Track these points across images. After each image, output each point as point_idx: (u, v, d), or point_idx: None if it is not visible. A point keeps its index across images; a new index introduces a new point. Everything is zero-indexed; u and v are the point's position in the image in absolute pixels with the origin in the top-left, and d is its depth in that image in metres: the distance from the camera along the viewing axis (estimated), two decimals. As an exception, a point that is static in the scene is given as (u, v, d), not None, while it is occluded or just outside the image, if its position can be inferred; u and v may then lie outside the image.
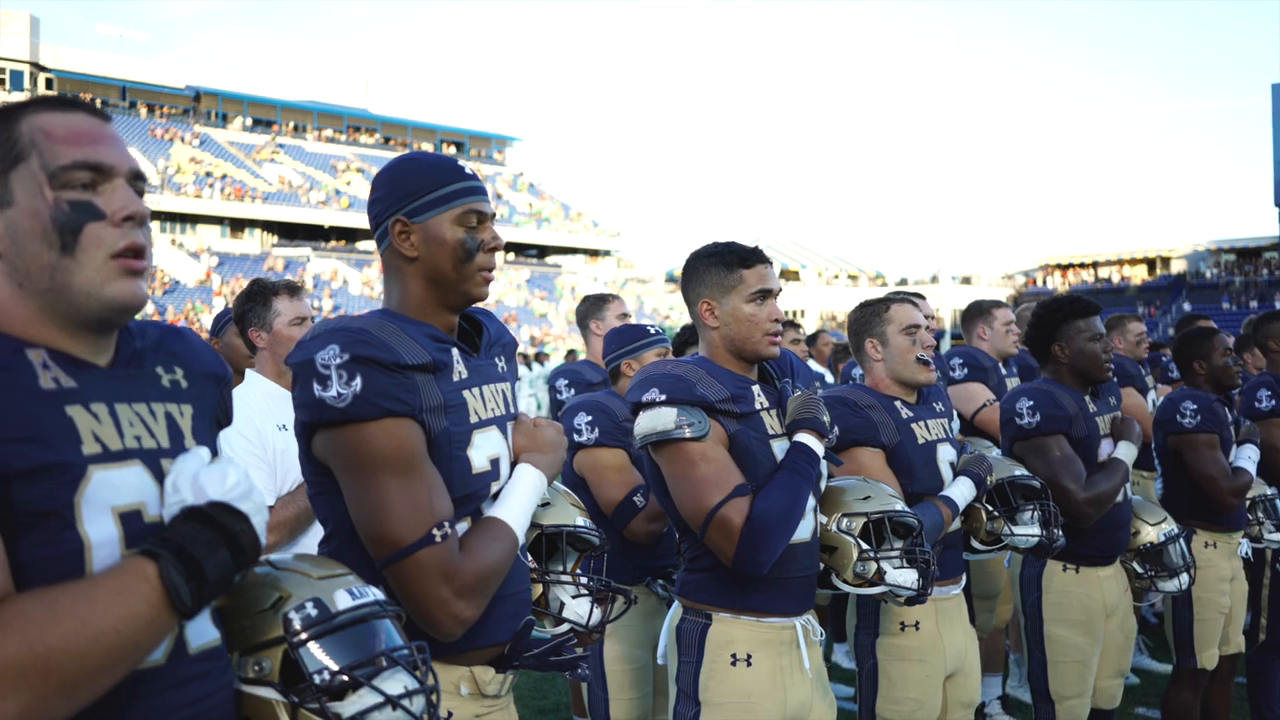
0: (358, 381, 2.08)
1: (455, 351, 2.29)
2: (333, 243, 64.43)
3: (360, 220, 64.22)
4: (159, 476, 1.58)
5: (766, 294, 3.06)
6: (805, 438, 3.00)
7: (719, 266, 3.09)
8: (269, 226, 60.74)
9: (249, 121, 69.29)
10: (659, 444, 2.99)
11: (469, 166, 2.36)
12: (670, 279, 73.80)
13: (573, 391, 5.55)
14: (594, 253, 72.06)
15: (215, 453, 1.74)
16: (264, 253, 57.10)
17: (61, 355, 1.55)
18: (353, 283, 55.21)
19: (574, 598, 2.57)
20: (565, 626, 2.55)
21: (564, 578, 2.58)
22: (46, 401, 1.48)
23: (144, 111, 63.70)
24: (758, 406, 3.05)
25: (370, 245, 65.51)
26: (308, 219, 61.83)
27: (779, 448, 3.04)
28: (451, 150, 79.22)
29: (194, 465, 1.56)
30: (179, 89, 65.15)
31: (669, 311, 60.03)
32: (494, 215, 2.37)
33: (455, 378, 2.26)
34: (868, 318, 3.74)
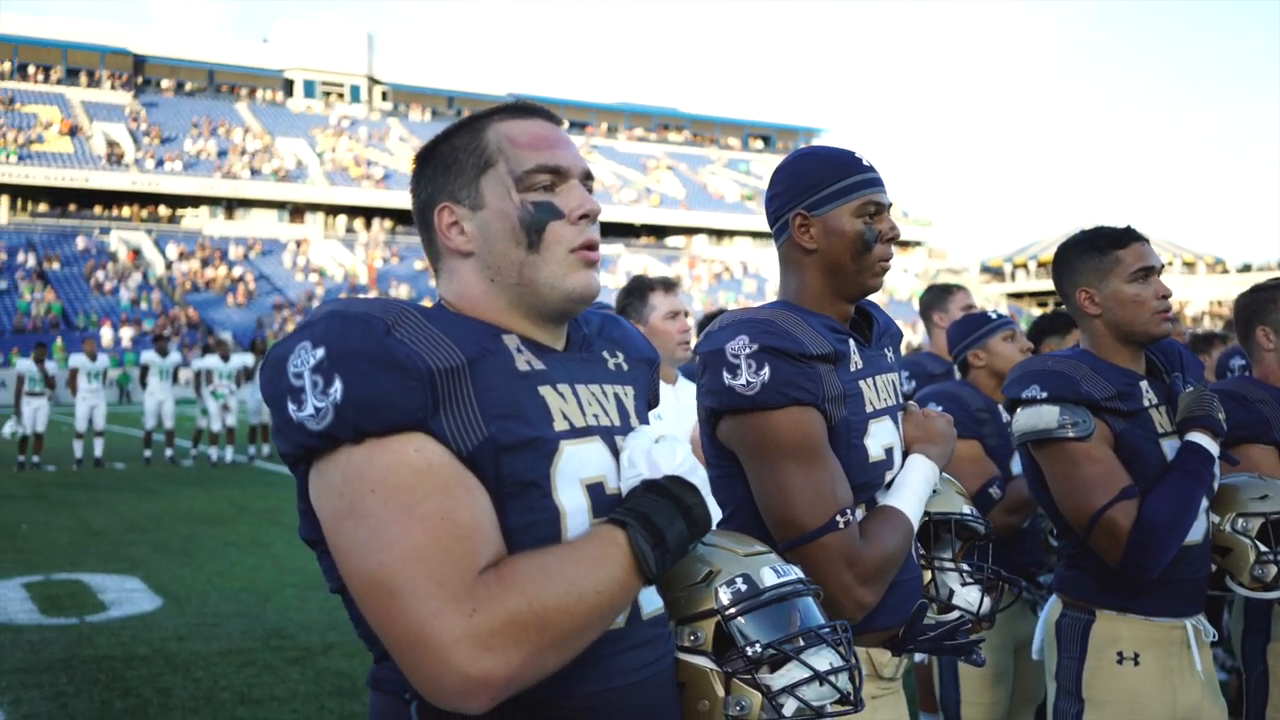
0: (766, 370, 2.16)
1: (852, 342, 2.33)
2: (643, 239, 66.09)
3: (669, 217, 65.65)
4: (614, 452, 1.69)
5: (1148, 271, 2.93)
6: (1198, 437, 2.85)
7: (1092, 252, 2.99)
8: (584, 224, 62.89)
9: (566, 124, 71.65)
10: (1039, 442, 2.93)
11: (866, 158, 2.39)
12: (985, 269, 71.46)
13: (914, 384, 5.48)
14: (904, 243, 70.70)
15: None
16: (580, 250, 59.13)
17: (528, 340, 1.69)
18: (663, 278, 56.29)
19: (963, 585, 2.56)
20: (955, 614, 2.54)
21: (952, 564, 2.58)
22: (523, 382, 1.61)
23: (470, 119, 67.69)
24: (1146, 404, 2.92)
25: (679, 241, 66.88)
26: (620, 217, 63.66)
27: (1169, 447, 2.90)
28: (759, 144, 79.64)
29: (645, 442, 1.67)
30: (501, 96, 68.52)
31: (983, 304, 58.15)
32: (891, 205, 2.39)
33: (852, 368, 2.30)
34: (1259, 304, 3.51)
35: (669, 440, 1.68)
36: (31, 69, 62.23)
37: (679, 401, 4.13)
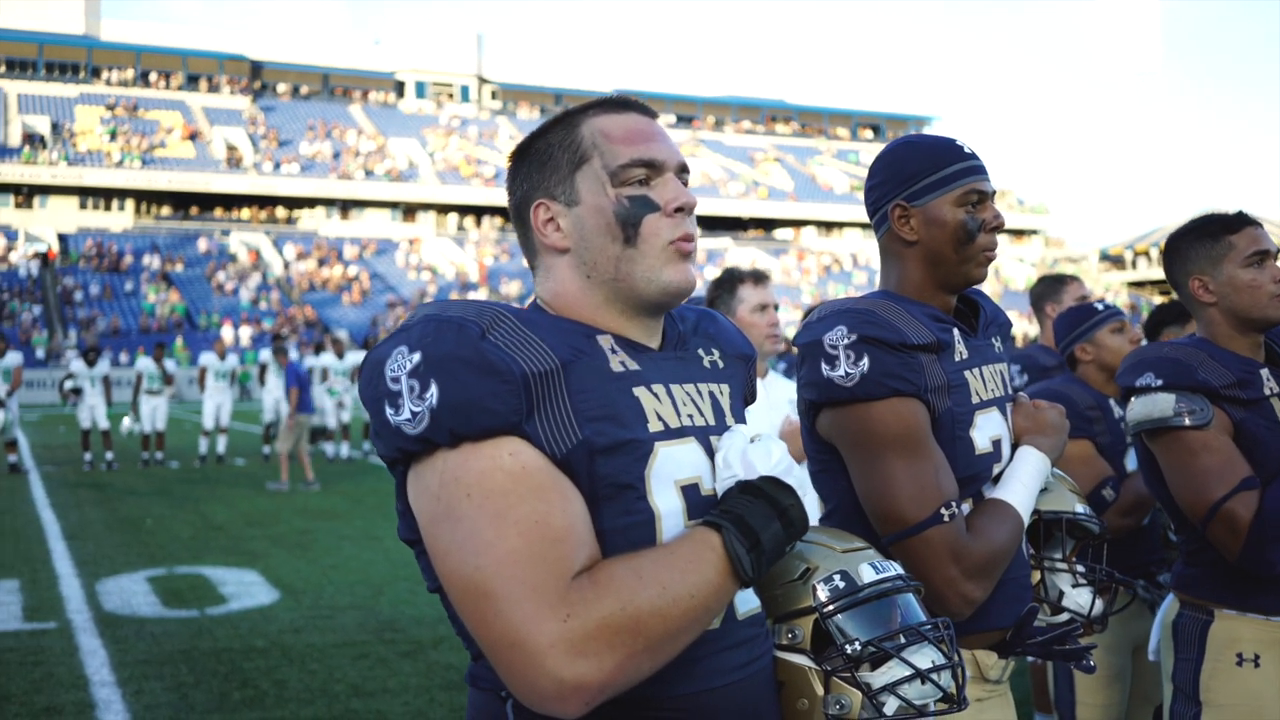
0: (865, 361, 2.11)
1: (956, 331, 2.28)
2: (751, 233, 65.83)
3: (778, 210, 65.26)
4: (709, 453, 1.67)
5: (1264, 255, 2.84)
6: None
7: (1203, 238, 2.90)
8: (691, 219, 63.01)
9: (672, 119, 72.18)
10: (1154, 432, 2.84)
11: (968, 145, 2.33)
12: (1104, 257, 69.63)
13: (1026, 378, 5.37)
14: (1019, 232, 69.29)
15: None
16: (688, 245, 59.27)
17: (623, 340, 1.67)
18: (773, 272, 56.13)
19: (1074, 587, 2.49)
20: (1064, 616, 2.47)
21: (1064, 565, 2.51)
22: (618, 383, 1.60)
23: (577, 115, 69.03)
24: (1267, 392, 2.81)
25: (788, 234, 66.46)
26: (728, 210, 63.52)
27: None
28: (868, 134, 78.74)
29: (741, 442, 1.64)
30: (608, 92, 68.60)
31: (1103, 293, 56.65)
32: (994, 192, 2.32)
33: (957, 358, 2.24)
34: None
35: (764, 440, 1.65)
36: (153, 76, 64.34)
37: (768, 396, 4.09)
